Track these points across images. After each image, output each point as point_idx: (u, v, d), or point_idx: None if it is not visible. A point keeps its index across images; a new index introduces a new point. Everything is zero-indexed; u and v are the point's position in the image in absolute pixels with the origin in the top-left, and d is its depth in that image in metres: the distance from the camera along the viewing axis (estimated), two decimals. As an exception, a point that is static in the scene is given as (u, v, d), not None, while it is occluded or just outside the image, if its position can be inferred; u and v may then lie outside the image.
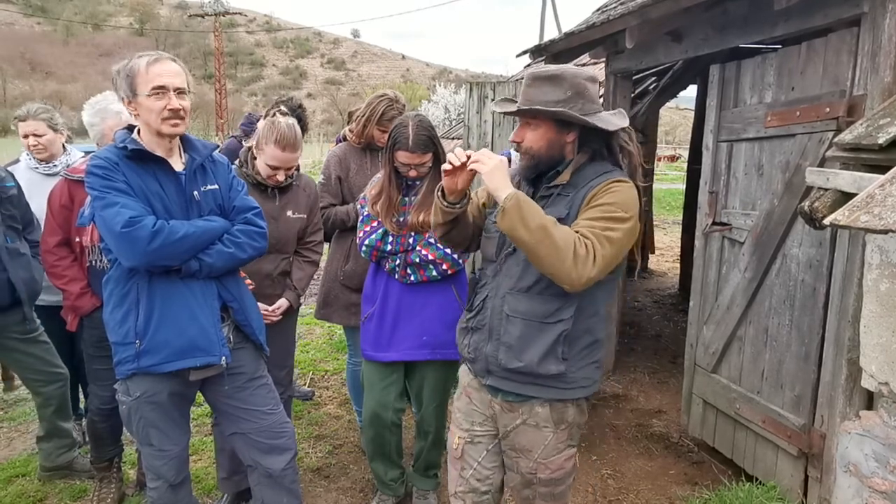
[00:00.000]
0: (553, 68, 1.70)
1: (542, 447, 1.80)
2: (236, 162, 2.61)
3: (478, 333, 1.83)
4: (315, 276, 2.99)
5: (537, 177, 1.79)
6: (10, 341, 2.83)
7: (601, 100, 4.20)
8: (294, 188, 2.70)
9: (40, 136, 3.06)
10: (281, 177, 2.57)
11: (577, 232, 1.59)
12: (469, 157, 1.64)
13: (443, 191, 1.76)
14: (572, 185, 1.72)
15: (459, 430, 1.96)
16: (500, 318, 1.76)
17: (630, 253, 1.74)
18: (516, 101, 1.75)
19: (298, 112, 3.52)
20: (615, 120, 1.74)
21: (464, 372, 1.99)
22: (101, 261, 2.55)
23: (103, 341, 2.44)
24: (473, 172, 1.68)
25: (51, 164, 3.12)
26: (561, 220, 1.64)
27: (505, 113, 1.78)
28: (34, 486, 3.02)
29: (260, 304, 2.48)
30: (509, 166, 1.87)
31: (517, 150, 1.79)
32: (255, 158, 2.58)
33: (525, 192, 1.76)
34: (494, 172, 1.61)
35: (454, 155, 1.65)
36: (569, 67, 1.72)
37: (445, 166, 1.67)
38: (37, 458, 3.13)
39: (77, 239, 2.61)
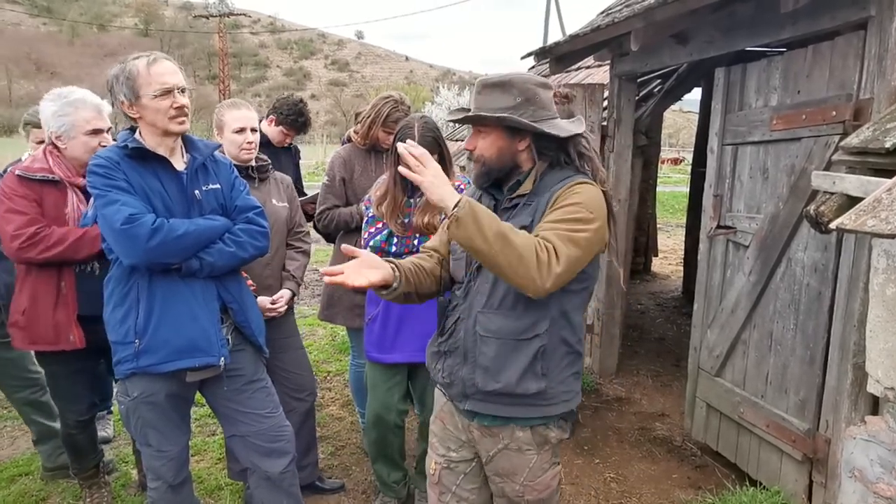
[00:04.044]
0: (502, 75, 1.66)
1: (526, 470, 1.76)
2: None
3: (452, 357, 1.75)
4: (319, 278, 2.98)
5: (498, 187, 1.74)
6: None
7: (603, 105, 4.21)
8: (271, 180, 2.75)
9: None
10: (251, 137, 2.61)
11: (537, 236, 1.51)
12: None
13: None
14: (535, 194, 1.67)
15: (436, 456, 1.92)
16: (473, 340, 1.69)
17: (633, 255, 1.72)
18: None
19: (300, 106, 3.55)
20: (570, 126, 1.68)
21: (438, 395, 1.93)
22: (91, 266, 2.44)
23: (68, 359, 2.46)
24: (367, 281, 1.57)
25: None
26: (524, 228, 1.60)
27: (452, 121, 1.73)
28: (37, 485, 3.02)
29: (261, 298, 2.49)
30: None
31: (470, 159, 1.73)
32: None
33: (486, 204, 1.73)
34: (434, 182, 1.48)
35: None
36: (518, 74, 1.67)
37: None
38: (39, 457, 3.14)
39: None
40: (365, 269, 1.59)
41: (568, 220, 1.55)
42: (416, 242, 2.44)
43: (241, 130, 2.58)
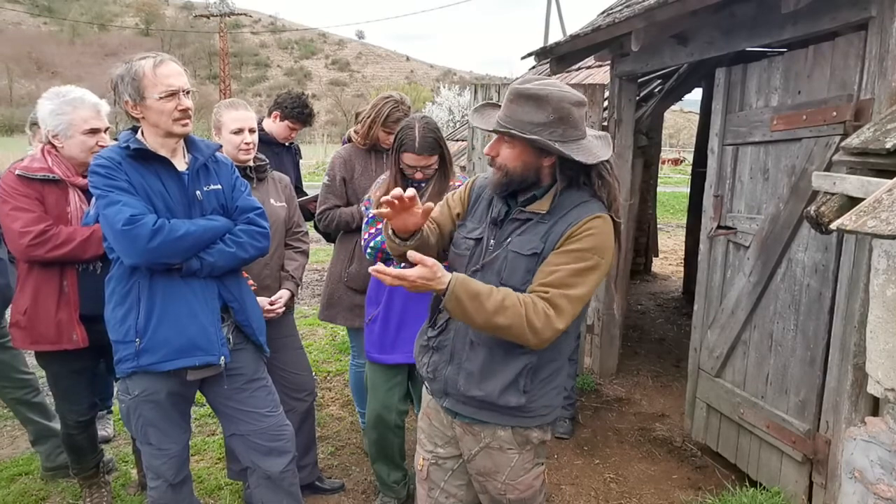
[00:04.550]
0: (538, 87, 1.58)
1: (508, 469, 1.77)
2: None
3: (438, 353, 1.77)
4: (319, 278, 2.98)
5: (512, 195, 1.72)
6: None
7: (603, 105, 4.21)
8: (269, 180, 2.74)
9: None
10: (249, 138, 2.59)
11: (537, 290, 1.56)
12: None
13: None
14: (550, 214, 1.66)
15: (423, 451, 1.93)
16: (463, 343, 1.71)
17: (634, 255, 1.71)
18: (498, 106, 1.67)
19: (303, 98, 3.61)
20: (598, 149, 1.64)
21: (425, 391, 1.94)
22: (93, 265, 2.44)
23: (68, 359, 2.46)
24: (425, 214, 1.64)
25: None
26: (534, 255, 1.62)
27: (480, 129, 1.70)
28: (37, 484, 3.02)
29: (260, 299, 2.49)
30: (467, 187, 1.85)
31: (490, 164, 1.71)
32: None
33: (498, 209, 1.72)
34: (416, 285, 1.50)
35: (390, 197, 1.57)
36: (555, 89, 1.58)
37: (383, 206, 1.59)
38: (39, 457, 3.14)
39: None
40: (407, 215, 1.64)
41: (573, 273, 1.58)
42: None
43: (240, 131, 2.57)
